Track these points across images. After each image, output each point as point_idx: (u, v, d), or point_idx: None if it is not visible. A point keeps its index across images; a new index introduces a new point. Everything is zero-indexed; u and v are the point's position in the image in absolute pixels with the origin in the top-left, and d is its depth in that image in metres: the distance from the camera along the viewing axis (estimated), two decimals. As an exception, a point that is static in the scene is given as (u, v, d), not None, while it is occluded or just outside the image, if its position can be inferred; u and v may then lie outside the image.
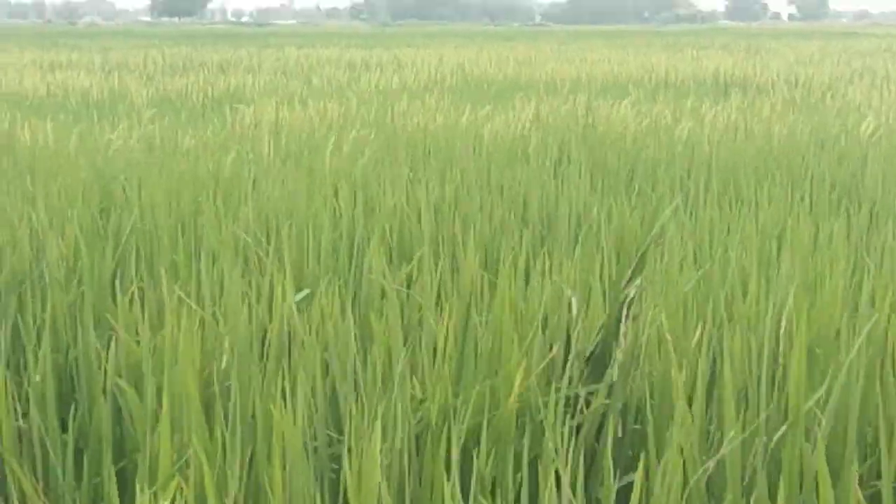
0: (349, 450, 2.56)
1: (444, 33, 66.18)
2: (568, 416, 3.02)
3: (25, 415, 3.14)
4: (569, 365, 3.03)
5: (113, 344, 3.29)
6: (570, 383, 3.04)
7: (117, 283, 3.84)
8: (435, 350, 2.91)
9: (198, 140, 9.08)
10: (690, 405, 2.68)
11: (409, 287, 4.31)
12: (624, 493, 2.98)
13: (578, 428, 3.03)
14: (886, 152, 7.72)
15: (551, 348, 3.13)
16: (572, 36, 59.45)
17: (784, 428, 2.62)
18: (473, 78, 20.09)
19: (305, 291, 3.70)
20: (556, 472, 2.56)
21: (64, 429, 3.10)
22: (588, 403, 3.11)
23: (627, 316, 3.04)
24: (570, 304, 3.11)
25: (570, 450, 2.50)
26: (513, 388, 2.77)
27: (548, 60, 26.20)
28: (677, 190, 5.91)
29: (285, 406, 2.54)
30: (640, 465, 2.33)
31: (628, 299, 3.07)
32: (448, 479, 2.43)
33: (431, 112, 11.58)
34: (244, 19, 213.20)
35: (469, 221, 4.86)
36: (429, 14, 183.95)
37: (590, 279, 3.35)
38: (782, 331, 2.93)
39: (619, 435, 3.05)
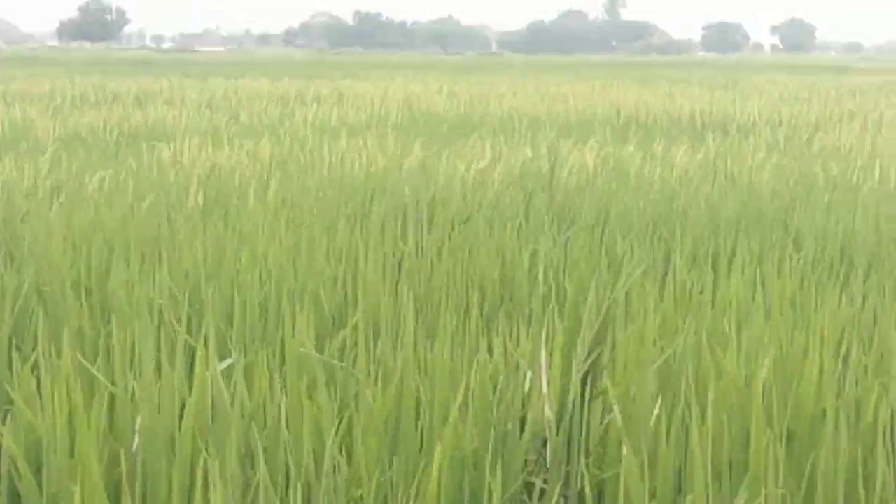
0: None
1: (389, 64, 66.44)
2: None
3: None
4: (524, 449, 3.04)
5: (10, 419, 3.26)
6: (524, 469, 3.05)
7: (15, 352, 3.82)
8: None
9: (110, 183, 9.05)
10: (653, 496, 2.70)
11: (345, 352, 4.30)
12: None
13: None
14: (879, 203, 7.81)
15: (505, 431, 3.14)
16: (533, 67, 59.87)
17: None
18: (422, 114, 20.16)
19: (229, 360, 3.69)
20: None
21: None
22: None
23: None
24: (525, 380, 3.13)
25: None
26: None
27: (505, 95, 26.36)
28: (647, 247, 5.94)
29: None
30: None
31: (583, 375, 3.09)
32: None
33: (373, 153, 11.61)
34: (165, 45, 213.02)
35: (412, 282, 4.87)
36: (371, 41, 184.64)
37: (546, 351, 3.36)
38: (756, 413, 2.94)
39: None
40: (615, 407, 2.94)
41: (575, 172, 9.78)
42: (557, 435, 3.08)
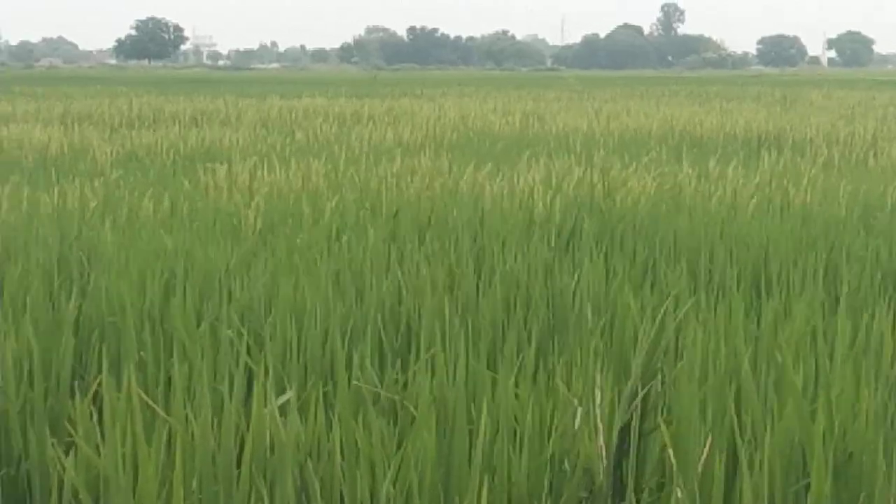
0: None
1: (444, 80, 66.61)
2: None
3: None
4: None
5: (72, 454, 3.32)
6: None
7: (77, 382, 3.88)
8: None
9: (167, 207, 9.16)
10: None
11: (406, 384, 4.34)
12: None
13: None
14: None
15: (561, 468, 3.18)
16: (587, 83, 59.81)
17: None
18: (476, 132, 20.22)
19: (287, 395, 3.74)
20: None
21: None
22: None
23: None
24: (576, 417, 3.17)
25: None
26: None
27: (559, 112, 26.37)
28: (701, 276, 5.95)
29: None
30: None
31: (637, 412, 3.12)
32: None
33: (428, 174, 11.65)
34: (221, 63, 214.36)
35: (470, 312, 4.91)
36: (426, 57, 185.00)
37: (597, 387, 3.40)
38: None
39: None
40: (669, 451, 2.98)
41: (629, 194, 9.79)
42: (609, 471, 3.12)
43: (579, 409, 3.21)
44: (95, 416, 3.54)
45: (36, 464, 3.45)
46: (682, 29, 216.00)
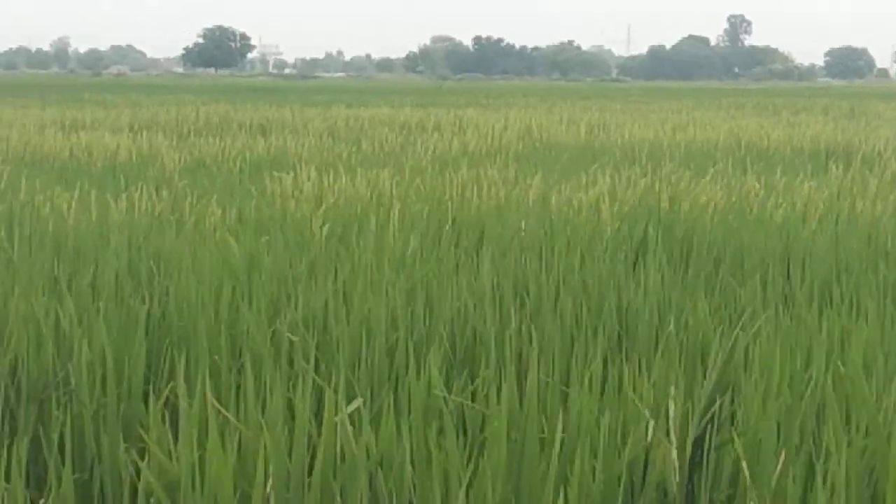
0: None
1: (509, 90, 66.62)
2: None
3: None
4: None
5: (145, 459, 3.35)
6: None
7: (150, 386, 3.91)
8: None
9: (237, 214, 9.21)
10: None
11: (474, 394, 4.35)
12: None
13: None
14: None
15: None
16: (653, 93, 59.66)
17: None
18: (542, 143, 20.20)
19: (357, 402, 3.75)
20: None
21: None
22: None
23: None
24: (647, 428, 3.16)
25: None
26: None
27: (625, 124, 26.28)
28: (769, 288, 5.91)
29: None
30: None
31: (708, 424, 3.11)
32: None
33: (495, 184, 11.64)
34: (287, 71, 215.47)
35: (538, 322, 4.90)
36: (491, 67, 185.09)
37: (668, 398, 3.39)
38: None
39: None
40: (743, 464, 2.96)
41: (695, 205, 9.75)
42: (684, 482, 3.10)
43: (651, 422, 3.21)
44: (168, 422, 3.57)
45: (108, 468, 3.48)
46: (749, 40, 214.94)
